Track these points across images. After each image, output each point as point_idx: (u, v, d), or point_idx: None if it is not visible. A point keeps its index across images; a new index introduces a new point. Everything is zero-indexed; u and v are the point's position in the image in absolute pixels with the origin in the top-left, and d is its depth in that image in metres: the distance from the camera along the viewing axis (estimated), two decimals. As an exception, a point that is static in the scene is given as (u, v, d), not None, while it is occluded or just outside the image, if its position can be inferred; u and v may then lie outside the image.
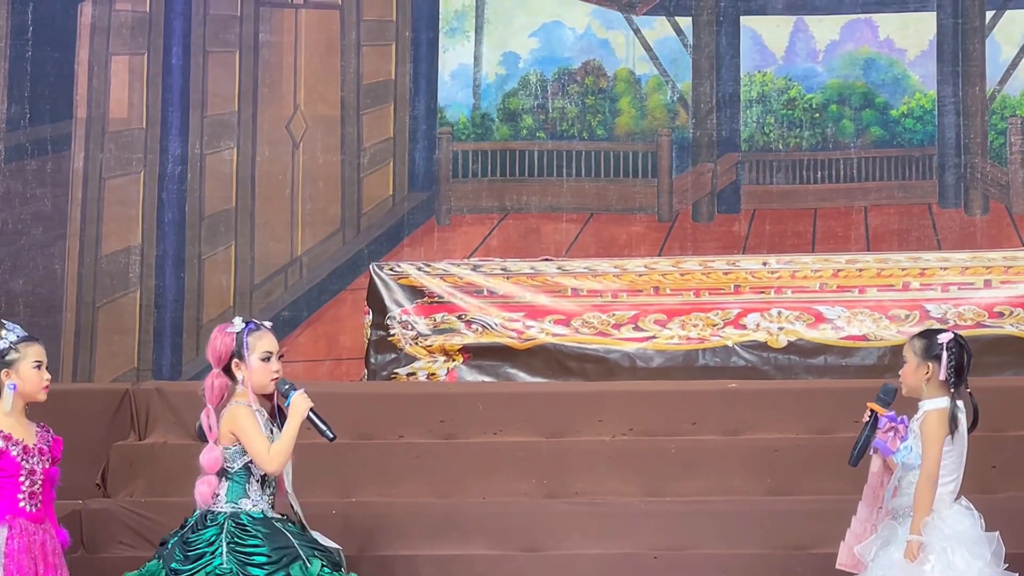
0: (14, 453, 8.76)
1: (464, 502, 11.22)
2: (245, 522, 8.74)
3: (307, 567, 8.65)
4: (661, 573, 10.47)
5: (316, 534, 8.92)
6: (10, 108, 16.29)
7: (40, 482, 8.85)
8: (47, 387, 9.02)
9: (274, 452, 8.74)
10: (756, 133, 16.85)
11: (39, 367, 8.97)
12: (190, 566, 8.70)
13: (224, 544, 8.70)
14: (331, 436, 8.91)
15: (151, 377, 15.60)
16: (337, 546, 8.96)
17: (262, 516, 8.80)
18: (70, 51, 16.58)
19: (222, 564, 8.66)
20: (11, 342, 8.92)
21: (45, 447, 8.90)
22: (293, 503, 8.97)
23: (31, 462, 8.81)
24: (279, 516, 8.85)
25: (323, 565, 8.71)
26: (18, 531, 8.73)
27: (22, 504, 8.78)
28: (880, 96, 16.87)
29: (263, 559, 8.65)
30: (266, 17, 16.97)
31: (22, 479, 8.78)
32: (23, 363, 8.92)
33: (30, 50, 16.40)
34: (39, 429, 8.93)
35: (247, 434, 8.73)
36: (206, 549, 8.73)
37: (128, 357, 16.19)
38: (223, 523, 8.75)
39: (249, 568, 8.64)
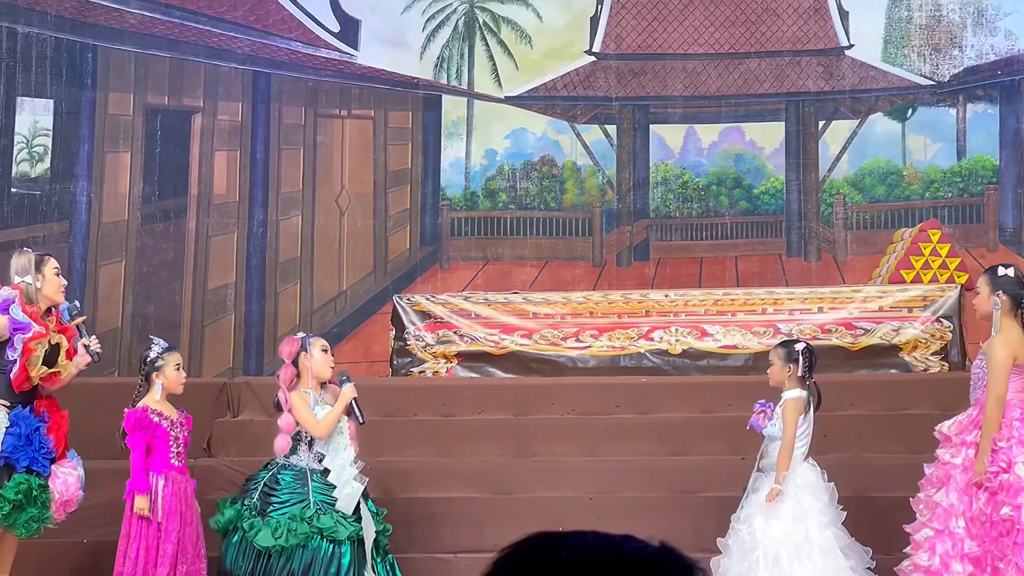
0: (165, 425, 8.85)
1: (459, 461, 11.23)
2: (285, 473, 8.80)
3: (308, 508, 8.69)
4: (595, 511, 10.45)
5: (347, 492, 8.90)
6: (144, 188, 16.28)
7: (182, 444, 8.93)
8: (184, 383, 9.12)
9: (322, 424, 8.81)
10: (660, 205, 16.86)
11: (178, 368, 9.06)
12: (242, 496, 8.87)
13: (259, 487, 8.80)
14: (361, 421, 8.97)
15: (242, 374, 15.57)
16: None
17: (302, 469, 8.84)
18: (186, 149, 16.57)
19: (254, 499, 8.76)
20: (158, 352, 9.01)
21: (183, 422, 8.99)
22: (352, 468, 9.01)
23: (176, 431, 8.88)
24: (322, 470, 8.88)
25: (319, 510, 8.73)
26: (171, 480, 8.78)
27: (172, 460, 8.84)
28: (746, 180, 16.89)
29: (277, 500, 8.72)
30: (321, 125, 16.97)
31: (171, 443, 8.84)
32: (167, 368, 9.00)
33: (158, 147, 16.38)
34: (178, 411, 9.03)
35: (299, 413, 8.82)
36: (252, 486, 8.84)
37: (226, 360, 16.16)
38: (273, 472, 8.85)
39: (272, 500, 8.72)
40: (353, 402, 8.92)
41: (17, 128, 16.01)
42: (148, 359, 9.08)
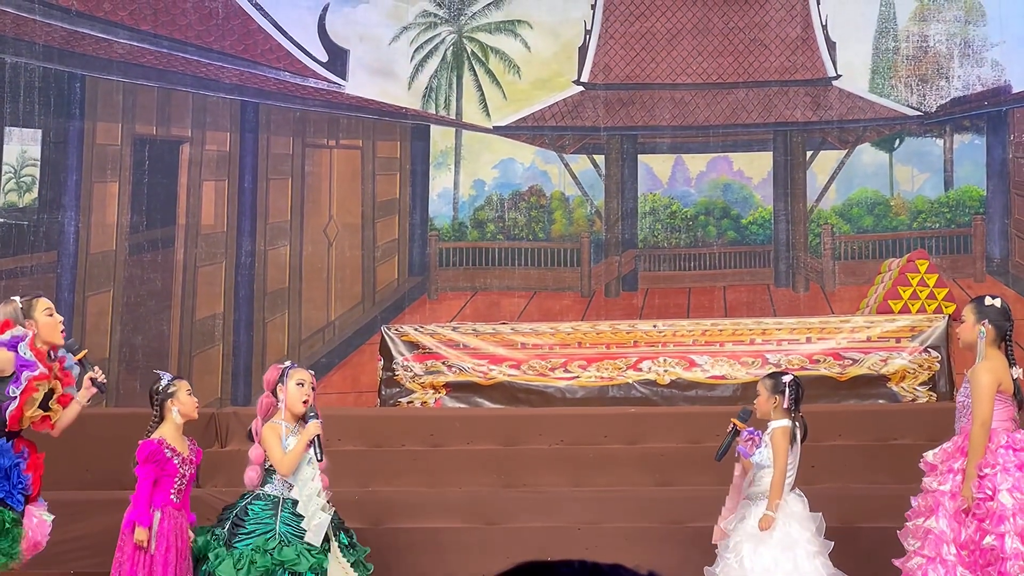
0: (176, 461, 8.87)
1: (447, 491, 11.22)
2: (255, 503, 8.80)
3: (273, 540, 8.69)
4: (583, 541, 10.47)
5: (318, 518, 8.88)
6: (132, 218, 16.31)
7: (186, 481, 8.94)
8: (198, 406, 9.14)
9: (285, 460, 8.80)
10: (648, 235, 16.92)
11: (190, 394, 9.08)
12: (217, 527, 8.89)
13: (231, 517, 8.80)
14: (319, 458, 8.92)
15: (230, 404, 15.59)
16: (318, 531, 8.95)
17: (274, 498, 8.83)
18: (174, 178, 16.60)
19: (224, 529, 8.77)
20: (168, 381, 9.05)
21: (193, 457, 9.00)
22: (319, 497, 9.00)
23: (184, 468, 8.91)
24: (294, 500, 8.85)
25: (282, 541, 8.73)
26: (168, 515, 8.80)
27: (172, 496, 8.86)
28: (734, 210, 16.94)
29: (243, 531, 8.73)
30: (310, 155, 17.02)
31: (176, 479, 8.86)
32: (180, 393, 9.03)
33: (146, 177, 16.42)
34: (190, 443, 9.04)
35: (267, 445, 8.83)
36: (225, 515, 8.86)
37: (214, 390, 16.17)
38: (246, 502, 8.85)
39: (239, 531, 8.73)
40: (316, 439, 8.90)
41: (5, 158, 16.04)
42: (160, 388, 9.12)
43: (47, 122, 16.19)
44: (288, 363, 9.20)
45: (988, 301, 8.56)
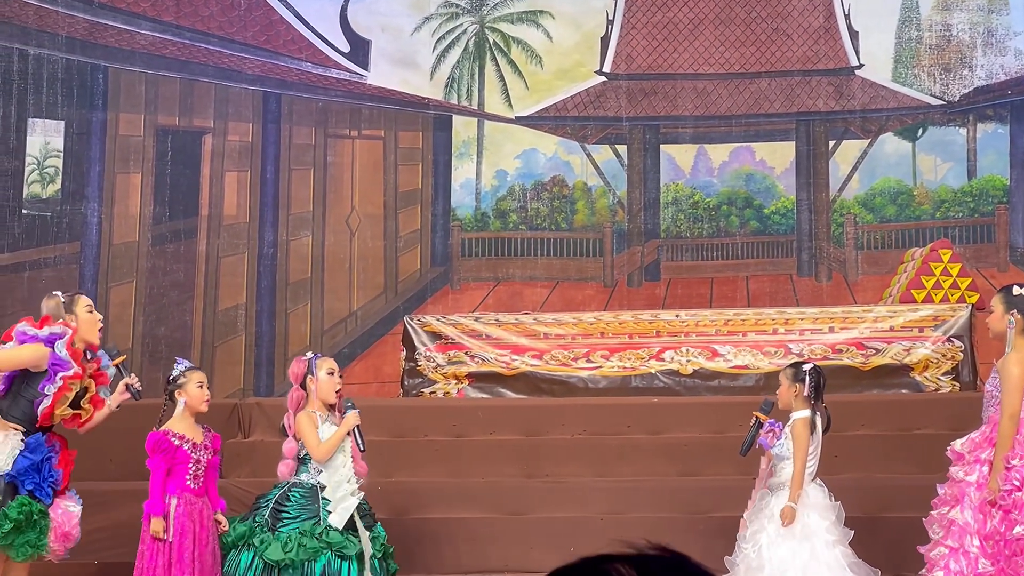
0: (186, 448, 8.91)
1: (469, 481, 11.26)
2: (295, 491, 8.86)
3: (319, 525, 8.77)
4: (605, 531, 10.47)
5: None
6: (155, 209, 16.35)
7: (204, 467, 8.99)
8: (208, 401, 9.16)
9: (322, 447, 8.88)
10: (671, 226, 16.91)
11: (201, 386, 9.12)
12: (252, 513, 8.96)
13: (271, 504, 8.86)
14: (362, 448, 9.02)
15: (253, 394, 15.62)
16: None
17: (311, 486, 8.90)
18: (196, 169, 16.64)
19: (264, 516, 8.82)
20: (181, 371, 9.08)
21: (208, 443, 9.06)
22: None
23: (197, 454, 8.95)
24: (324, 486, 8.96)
25: (328, 526, 8.81)
26: (184, 501, 8.85)
27: (188, 482, 8.91)
28: (757, 199, 16.92)
29: (287, 516, 8.78)
30: (332, 145, 17.04)
31: (190, 465, 8.91)
32: (189, 385, 9.06)
33: (169, 168, 16.46)
34: (204, 430, 9.08)
35: (303, 433, 8.89)
36: (262, 504, 8.92)
37: (237, 380, 16.21)
38: (283, 490, 8.92)
39: (282, 516, 8.78)
40: (355, 429, 8.98)
41: (28, 149, 16.10)
42: (171, 378, 9.18)
43: (70, 113, 16.23)
44: (311, 354, 9.26)
45: (1016, 291, 8.54)
